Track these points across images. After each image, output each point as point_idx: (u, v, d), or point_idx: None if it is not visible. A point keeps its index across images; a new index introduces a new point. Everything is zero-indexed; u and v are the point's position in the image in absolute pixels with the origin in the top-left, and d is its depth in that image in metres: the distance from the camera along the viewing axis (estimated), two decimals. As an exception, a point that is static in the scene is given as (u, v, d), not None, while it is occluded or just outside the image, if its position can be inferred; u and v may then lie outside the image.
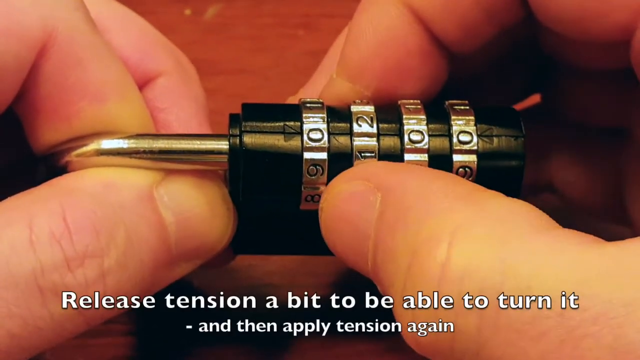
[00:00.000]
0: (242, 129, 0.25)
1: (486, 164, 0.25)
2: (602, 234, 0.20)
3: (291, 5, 0.46)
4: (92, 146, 0.24)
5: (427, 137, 0.25)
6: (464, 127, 0.25)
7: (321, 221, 0.25)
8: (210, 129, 0.28)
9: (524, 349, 0.19)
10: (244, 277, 0.33)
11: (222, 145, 0.25)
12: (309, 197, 0.25)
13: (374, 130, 0.25)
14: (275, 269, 0.34)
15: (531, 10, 0.24)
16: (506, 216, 0.21)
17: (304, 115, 0.25)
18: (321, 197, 0.25)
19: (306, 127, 0.25)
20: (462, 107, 0.26)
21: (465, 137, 0.25)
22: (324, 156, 0.25)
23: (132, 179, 0.24)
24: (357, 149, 0.25)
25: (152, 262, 0.24)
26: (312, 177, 0.25)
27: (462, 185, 0.23)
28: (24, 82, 0.24)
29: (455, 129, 0.25)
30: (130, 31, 0.28)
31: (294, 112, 0.25)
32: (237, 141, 0.25)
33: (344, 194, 0.24)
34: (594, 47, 0.24)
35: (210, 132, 0.28)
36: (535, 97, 0.32)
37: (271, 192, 0.25)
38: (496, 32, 0.25)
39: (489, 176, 0.25)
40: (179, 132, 0.27)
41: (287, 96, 0.29)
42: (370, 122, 0.25)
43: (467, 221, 0.21)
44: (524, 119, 0.26)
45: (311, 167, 0.25)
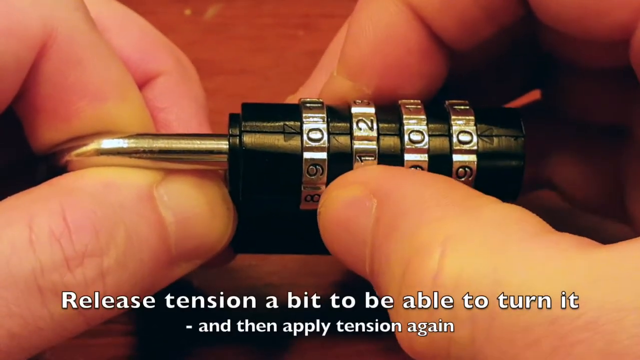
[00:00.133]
0: (242, 129, 0.25)
1: (486, 164, 0.25)
2: (602, 232, 0.20)
3: (291, 5, 0.46)
4: (92, 146, 0.24)
5: (427, 137, 0.25)
6: (464, 127, 0.25)
7: (320, 225, 0.25)
8: (210, 129, 0.28)
9: (517, 356, 0.19)
10: (244, 277, 0.33)
11: (222, 145, 0.25)
12: (308, 196, 0.25)
13: (374, 133, 0.25)
14: (275, 269, 0.34)
15: (531, 8, 0.24)
16: (499, 223, 0.21)
17: (304, 115, 0.25)
18: (319, 201, 0.25)
19: (306, 127, 0.25)
20: (462, 107, 0.26)
21: (465, 137, 0.25)
22: (323, 156, 0.25)
23: (132, 179, 0.24)
24: (356, 152, 0.25)
25: (152, 261, 0.24)
26: (312, 177, 0.25)
27: (457, 190, 0.23)
28: (24, 81, 0.24)
29: (455, 128, 0.25)
30: (130, 31, 0.28)
31: (293, 112, 0.25)
32: (237, 141, 0.25)
33: (341, 200, 0.24)
34: (594, 46, 0.24)
35: (210, 131, 0.28)
36: (535, 94, 0.32)
37: (271, 192, 0.25)
38: (495, 30, 0.25)
39: (488, 176, 0.25)
40: (179, 132, 0.27)
41: (287, 96, 0.29)
42: (370, 124, 0.25)
43: (460, 229, 0.21)
44: (524, 117, 0.26)
45: (311, 166, 0.25)
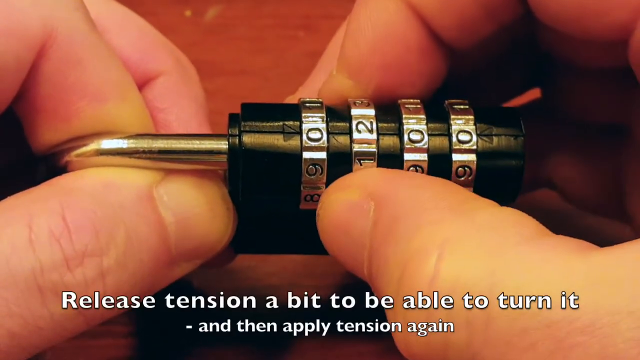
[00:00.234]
0: (242, 129, 0.25)
1: (486, 164, 0.25)
2: (601, 231, 0.20)
3: (291, 6, 0.46)
4: (92, 146, 0.24)
5: (426, 137, 0.25)
6: (463, 126, 0.25)
7: (318, 227, 0.25)
8: (210, 129, 0.28)
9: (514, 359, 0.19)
10: (244, 278, 0.33)
11: (222, 145, 0.25)
12: (308, 196, 0.25)
13: (374, 136, 0.25)
14: (275, 270, 0.34)
15: (530, 7, 0.24)
16: (496, 226, 0.21)
17: (303, 114, 0.25)
18: (318, 204, 0.25)
19: (305, 126, 0.25)
20: (461, 106, 0.26)
21: (464, 137, 0.25)
22: (323, 156, 0.25)
23: (132, 179, 0.24)
24: (356, 155, 0.25)
25: (152, 261, 0.24)
26: (312, 177, 0.25)
27: (455, 193, 0.23)
28: (24, 82, 0.24)
29: (454, 128, 0.25)
30: (130, 31, 0.28)
31: (293, 111, 0.25)
32: (237, 141, 0.25)
33: (339, 202, 0.24)
34: (593, 46, 0.24)
35: (210, 132, 0.28)
36: (535, 93, 0.32)
37: (271, 192, 0.25)
38: (495, 28, 0.25)
39: (488, 176, 0.25)
40: (178, 132, 0.27)
41: (287, 97, 0.29)
42: (369, 127, 0.25)
43: (456, 233, 0.21)
44: (524, 116, 0.25)
45: (310, 166, 0.25)
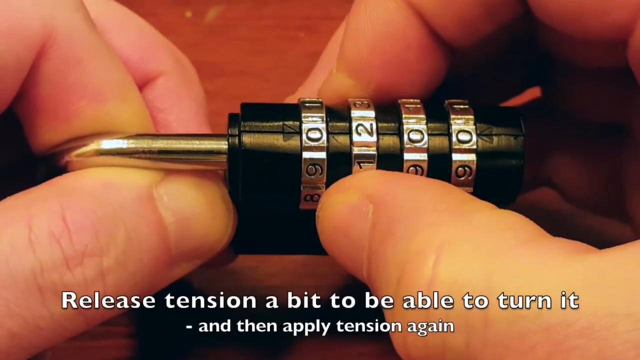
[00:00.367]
0: (241, 129, 0.25)
1: (485, 163, 0.25)
2: (601, 230, 0.20)
3: (292, 7, 0.46)
4: (92, 146, 0.24)
5: (426, 137, 0.25)
6: (463, 126, 0.25)
7: (318, 229, 0.25)
8: (210, 130, 0.28)
9: None
10: (244, 279, 0.33)
11: (221, 145, 0.25)
12: (308, 196, 0.25)
13: (374, 139, 0.25)
14: (275, 271, 0.34)
15: (529, 7, 0.24)
16: (494, 229, 0.21)
17: (303, 114, 0.25)
18: (318, 205, 0.25)
19: (305, 126, 0.25)
20: (461, 106, 0.26)
21: (464, 136, 0.25)
22: (322, 156, 0.25)
23: (132, 179, 0.24)
24: (355, 158, 0.25)
25: (152, 261, 0.24)
26: (311, 177, 0.25)
27: (453, 195, 0.23)
28: (24, 82, 0.24)
29: (454, 128, 0.25)
30: (130, 31, 0.28)
31: (293, 111, 0.25)
32: (236, 141, 0.25)
33: (339, 205, 0.24)
34: (592, 46, 0.24)
35: (210, 132, 0.28)
36: (534, 92, 0.32)
37: (270, 192, 0.25)
38: (495, 27, 0.25)
39: (488, 175, 0.25)
40: (178, 133, 0.27)
41: (287, 97, 0.29)
42: (369, 130, 0.25)
43: (454, 236, 0.21)
44: (523, 115, 0.25)
45: (310, 166, 0.25)
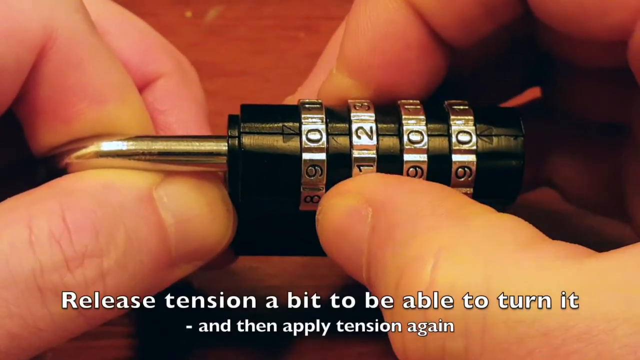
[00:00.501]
0: (241, 130, 0.25)
1: (485, 164, 0.25)
2: (601, 231, 0.20)
3: (292, 7, 0.46)
4: (92, 148, 0.24)
5: (426, 137, 0.25)
6: (463, 127, 0.25)
7: (318, 232, 0.25)
8: (210, 131, 0.28)
9: None
10: (244, 279, 0.33)
11: (221, 146, 0.25)
12: (308, 197, 0.25)
13: (373, 142, 0.25)
14: (275, 272, 0.34)
15: (529, 7, 0.24)
16: (492, 233, 0.21)
17: (303, 116, 0.25)
18: (317, 209, 0.25)
19: (305, 127, 0.25)
20: (461, 107, 0.26)
21: (464, 137, 0.25)
22: (322, 157, 0.25)
23: (132, 180, 0.24)
24: (355, 162, 0.25)
25: (152, 263, 0.24)
26: (311, 178, 0.25)
27: (451, 199, 0.23)
28: (24, 83, 0.24)
29: (454, 128, 0.25)
30: (130, 33, 0.28)
31: (292, 113, 0.25)
32: (236, 142, 0.25)
33: (338, 208, 0.24)
34: (592, 46, 0.24)
35: (210, 134, 0.28)
36: (535, 92, 0.32)
37: (270, 193, 0.25)
38: (495, 27, 0.25)
39: (488, 176, 0.25)
40: (178, 134, 0.27)
41: (287, 98, 0.29)
42: (369, 132, 0.25)
43: (452, 240, 0.21)
44: (523, 116, 0.25)
45: (310, 167, 0.25)
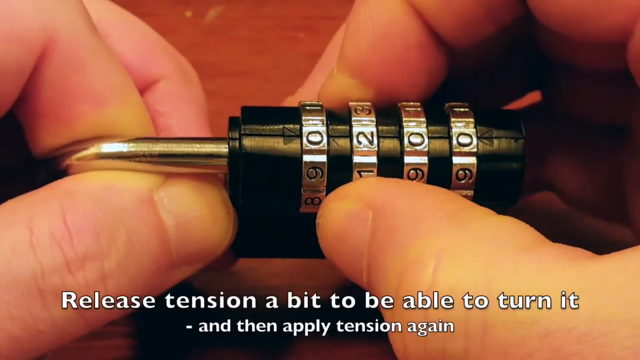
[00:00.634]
0: (242, 132, 0.25)
1: (486, 166, 0.25)
2: (602, 233, 0.20)
3: (292, 7, 0.46)
4: (93, 150, 0.24)
5: (426, 140, 0.25)
6: (463, 129, 0.25)
7: (318, 236, 0.25)
8: (210, 133, 0.28)
9: None
10: (245, 279, 0.33)
11: (222, 148, 0.25)
12: (308, 199, 0.25)
13: (374, 147, 0.25)
14: (275, 272, 0.34)
15: (529, 8, 0.24)
16: (493, 235, 0.21)
17: (304, 118, 0.25)
18: (318, 212, 0.25)
19: (305, 129, 0.25)
20: (461, 109, 0.26)
21: (464, 140, 0.25)
22: (323, 159, 0.25)
23: (133, 182, 0.24)
24: (356, 167, 0.25)
25: (152, 265, 0.24)
26: (312, 180, 0.25)
27: (451, 202, 0.23)
28: (25, 85, 0.24)
29: (455, 131, 0.25)
30: (131, 35, 0.28)
31: (293, 115, 0.25)
32: (237, 144, 0.25)
33: (338, 211, 0.24)
34: (592, 48, 0.24)
35: (210, 136, 0.28)
36: (535, 96, 0.32)
37: (271, 195, 0.25)
38: (495, 28, 0.25)
39: (489, 178, 0.25)
40: (179, 136, 0.27)
41: (287, 98, 0.29)
42: (370, 137, 0.25)
43: (452, 243, 0.21)
44: (524, 118, 0.25)
45: (310, 169, 0.25)
